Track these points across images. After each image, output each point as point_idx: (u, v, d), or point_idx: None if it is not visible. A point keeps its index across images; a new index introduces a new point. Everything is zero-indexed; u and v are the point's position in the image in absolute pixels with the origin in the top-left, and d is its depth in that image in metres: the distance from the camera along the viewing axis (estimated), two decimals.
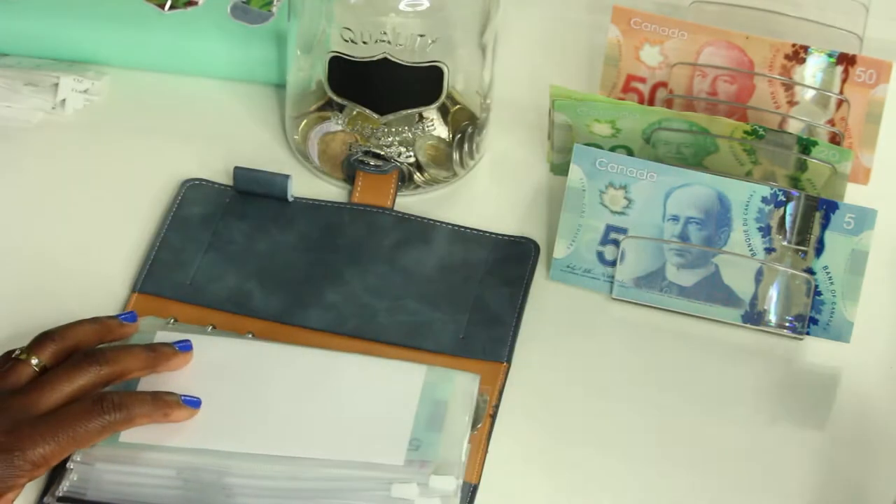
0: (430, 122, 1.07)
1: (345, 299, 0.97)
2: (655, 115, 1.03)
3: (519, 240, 1.02)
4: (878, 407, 0.97)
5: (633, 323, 1.01)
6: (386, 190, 1.04)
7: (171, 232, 1.01)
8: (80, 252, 1.02)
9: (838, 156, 1.01)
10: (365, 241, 1.01)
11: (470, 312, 0.97)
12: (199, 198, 1.04)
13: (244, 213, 1.03)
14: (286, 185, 1.03)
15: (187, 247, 1.00)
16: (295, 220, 1.02)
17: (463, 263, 1.00)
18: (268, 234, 1.01)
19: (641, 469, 0.92)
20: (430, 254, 1.01)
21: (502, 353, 0.96)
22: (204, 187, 1.04)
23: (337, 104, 1.06)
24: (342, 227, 1.02)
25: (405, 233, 1.02)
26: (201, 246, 1.00)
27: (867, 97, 1.07)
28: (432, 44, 1.02)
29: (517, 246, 1.02)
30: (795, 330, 0.99)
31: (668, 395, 0.96)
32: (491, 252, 1.02)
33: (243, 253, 1.00)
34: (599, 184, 1.01)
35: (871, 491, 0.92)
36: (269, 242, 1.01)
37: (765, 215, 0.99)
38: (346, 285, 0.98)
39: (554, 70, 1.18)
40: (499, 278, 1.00)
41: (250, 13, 1.15)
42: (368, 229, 1.02)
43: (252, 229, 1.01)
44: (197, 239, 1.01)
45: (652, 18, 1.10)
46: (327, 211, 1.03)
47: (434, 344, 0.96)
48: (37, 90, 1.11)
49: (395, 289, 0.98)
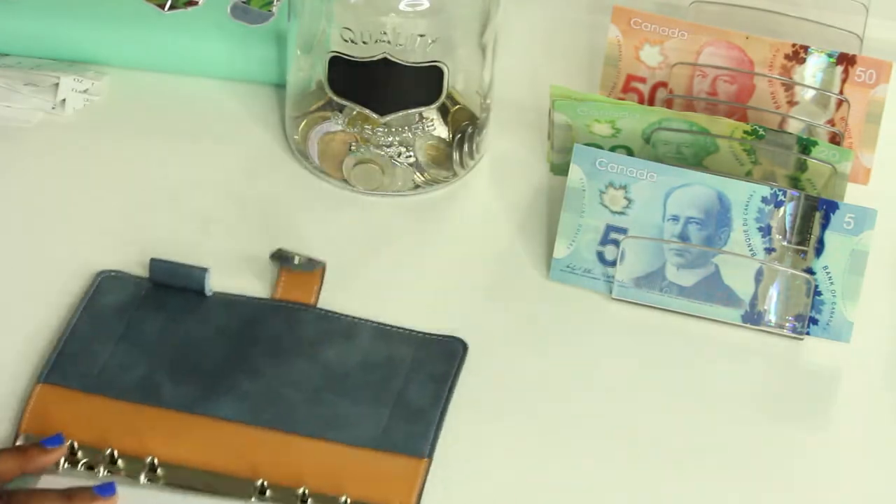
0: (430, 123, 1.07)
1: (260, 390, 0.94)
2: (655, 115, 1.03)
3: (447, 339, 0.98)
4: (878, 407, 0.97)
5: (633, 323, 1.01)
6: (310, 287, 1.00)
7: (82, 323, 0.97)
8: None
9: (838, 156, 1.01)
10: (285, 335, 0.97)
11: (392, 407, 0.93)
12: (114, 288, 0.99)
13: (161, 304, 0.98)
14: (203, 278, 0.98)
15: (98, 336, 0.96)
16: (212, 314, 0.98)
17: (387, 360, 0.96)
18: (183, 326, 0.97)
19: (641, 469, 0.92)
20: (353, 350, 0.97)
21: (423, 448, 0.92)
22: (120, 279, 1.00)
23: (337, 104, 1.06)
24: (262, 321, 0.98)
25: (327, 330, 0.98)
26: (113, 336, 0.96)
27: (867, 97, 1.07)
28: (432, 44, 1.02)
29: (444, 345, 0.98)
30: (795, 330, 0.99)
31: (667, 395, 0.96)
32: (417, 350, 0.97)
33: (157, 344, 0.96)
34: (599, 184, 1.01)
35: (871, 491, 0.92)
36: (184, 335, 0.97)
37: (765, 215, 0.99)
38: (263, 377, 0.94)
39: (554, 70, 1.18)
40: (424, 375, 0.96)
41: (250, 13, 1.15)
42: (289, 325, 0.98)
43: (167, 321, 0.97)
44: (109, 329, 0.96)
45: (652, 18, 1.10)
46: (247, 307, 0.99)
47: (352, 437, 0.92)
48: (37, 90, 1.11)
49: (315, 382, 0.95)
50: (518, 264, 1.03)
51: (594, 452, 0.93)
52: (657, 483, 0.91)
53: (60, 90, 1.11)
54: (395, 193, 1.08)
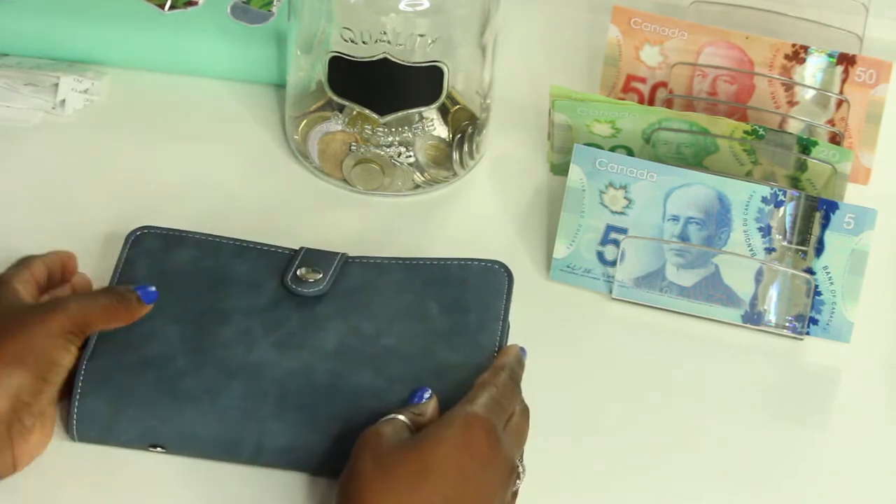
0: (430, 123, 1.07)
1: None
2: (655, 115, 1.03)
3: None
4: (878, 407, 0.97)
5: (633, 323, 1.01)
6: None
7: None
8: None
9: (838, 156, 1.01)
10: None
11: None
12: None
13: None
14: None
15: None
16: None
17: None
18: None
19: (641, 469, 0.92)
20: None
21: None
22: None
23: (337, 104, 1.06)
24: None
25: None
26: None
27: (867, 97, 1.07)
28: (432, 44, 1.02)
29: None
30: (795, 330, 0.99)
31: (667, 395, 0.96)
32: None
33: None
34: (599, 184, 1.01)
35: (870, 491, 0.92)
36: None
37: (765, 215, 0.99)
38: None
39: (554, 70, 1.18)
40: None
41: (250, 13, 1.15)
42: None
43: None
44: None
45: (652, 18, 1.10)
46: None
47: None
48: (37, 90, 1.11)
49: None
50: (518, 264, 1.03)
51: (594, 452, 0.93)
52: (657, 483, 0.91)
53: (60, 90, 1.11)
54: (395, 193, 1.08)
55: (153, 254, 0.97)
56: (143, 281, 0.94)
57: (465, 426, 0.82)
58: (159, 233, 0.98)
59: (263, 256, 0.97)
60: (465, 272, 0.96)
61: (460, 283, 0.96)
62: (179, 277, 0.95)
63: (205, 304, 0.94)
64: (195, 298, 0.94)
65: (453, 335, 0.93)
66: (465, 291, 0.95)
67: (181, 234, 0.98)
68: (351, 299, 0.95)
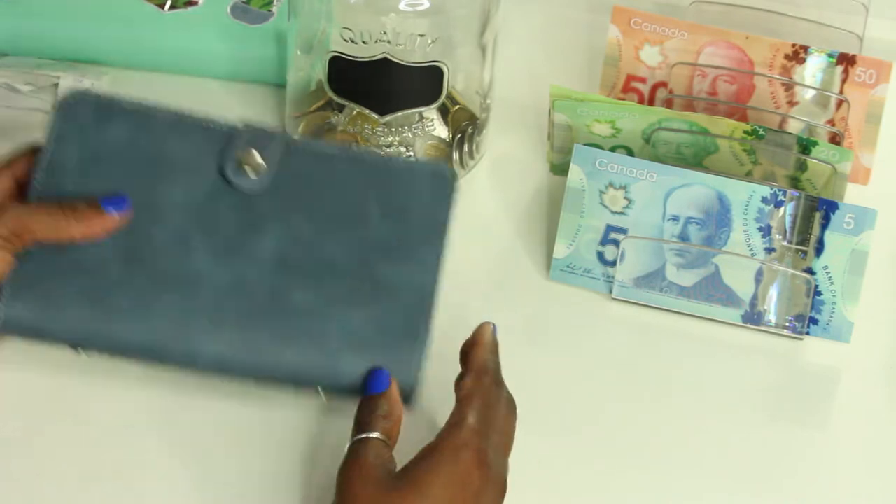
0: (430, 122, 1.07)
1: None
2: (655, 115, 1.03)
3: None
4: (878, 407, 0.97)
5: (633, 323, 1.01)
6: None
7: None
8: None
9: (838, 156, 1.01)
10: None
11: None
12: None
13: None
14: None
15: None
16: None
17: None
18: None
19: (641, 469, 0.92)
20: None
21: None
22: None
23: (337, 104, 1.06)
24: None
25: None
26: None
27: (867, 97, 1.07)
28: (432, 44, 1.02)
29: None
30: (795, 330, 0.99)
31: (667, 396, 0.96)
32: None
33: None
34: (599, 184, 1.01)
35: (870, 490, 0.92)
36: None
37: (765, 215, 0.99)
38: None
39: (554, 70, 1.18)
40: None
41: (250, 13, 1.15)
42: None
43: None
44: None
45: (652, 18, 1.10)
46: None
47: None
48: (37, 90, 1.11)
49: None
50: (518, 264, 1.03)
51: (593, 452, 0.93)
52: (657, 483, 0.91)
53: (60, 90, 1.11)
54: None
55: (85, 130, 0.90)
56: (75, 166, 0.87)
57: (454, 461, 0.80)
58: (90, 100, 0.90)
59: (201, 132, 0.92)
60: (410, 173, 0.91)
61: (404, 185, 0.90)
62: (113, 160, 0.88)
63: (139, 195, 0.88)
64: (129, 187, 0.88)
65: (393, 247, 0.89)
66: (409, 197, 0.90)
67: (113, 102, 0.91)
68: (291, 195, 0.90)
